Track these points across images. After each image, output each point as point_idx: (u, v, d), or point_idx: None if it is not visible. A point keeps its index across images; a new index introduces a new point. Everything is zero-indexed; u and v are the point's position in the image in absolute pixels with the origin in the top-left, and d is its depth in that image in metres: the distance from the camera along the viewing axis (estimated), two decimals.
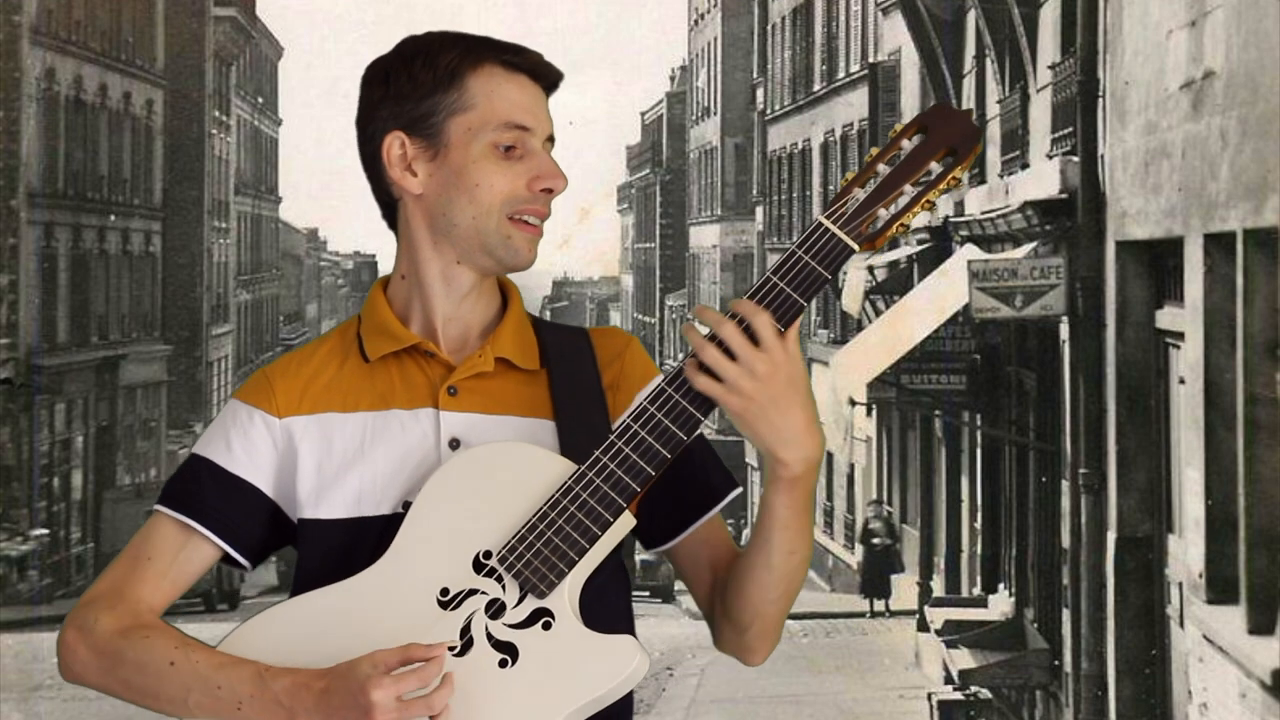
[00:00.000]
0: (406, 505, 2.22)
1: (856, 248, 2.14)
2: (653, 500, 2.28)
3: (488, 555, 2.17)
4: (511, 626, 2.15)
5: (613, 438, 2.15)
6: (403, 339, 2.29)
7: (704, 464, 2.32)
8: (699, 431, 2.21)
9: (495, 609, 2.15)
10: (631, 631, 2.28)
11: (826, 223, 2.14)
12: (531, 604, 2.15)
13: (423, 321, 2.31)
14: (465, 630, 2.15)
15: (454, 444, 2.25)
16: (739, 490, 2.34)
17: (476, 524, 2.18)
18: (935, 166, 2.17)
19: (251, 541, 2.31)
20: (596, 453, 2.15)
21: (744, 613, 2.26)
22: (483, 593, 2.16)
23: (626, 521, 2.17)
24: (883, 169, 2.17)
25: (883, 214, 2.15)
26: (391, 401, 2.28)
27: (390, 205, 2.34)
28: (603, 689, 2.14)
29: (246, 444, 2.28)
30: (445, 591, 2.16)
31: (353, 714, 2.08)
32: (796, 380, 2.12)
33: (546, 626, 2.15)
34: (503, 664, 2.14)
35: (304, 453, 2.27)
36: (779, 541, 2.20)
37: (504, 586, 2.16)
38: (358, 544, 2.24)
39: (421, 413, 2.27)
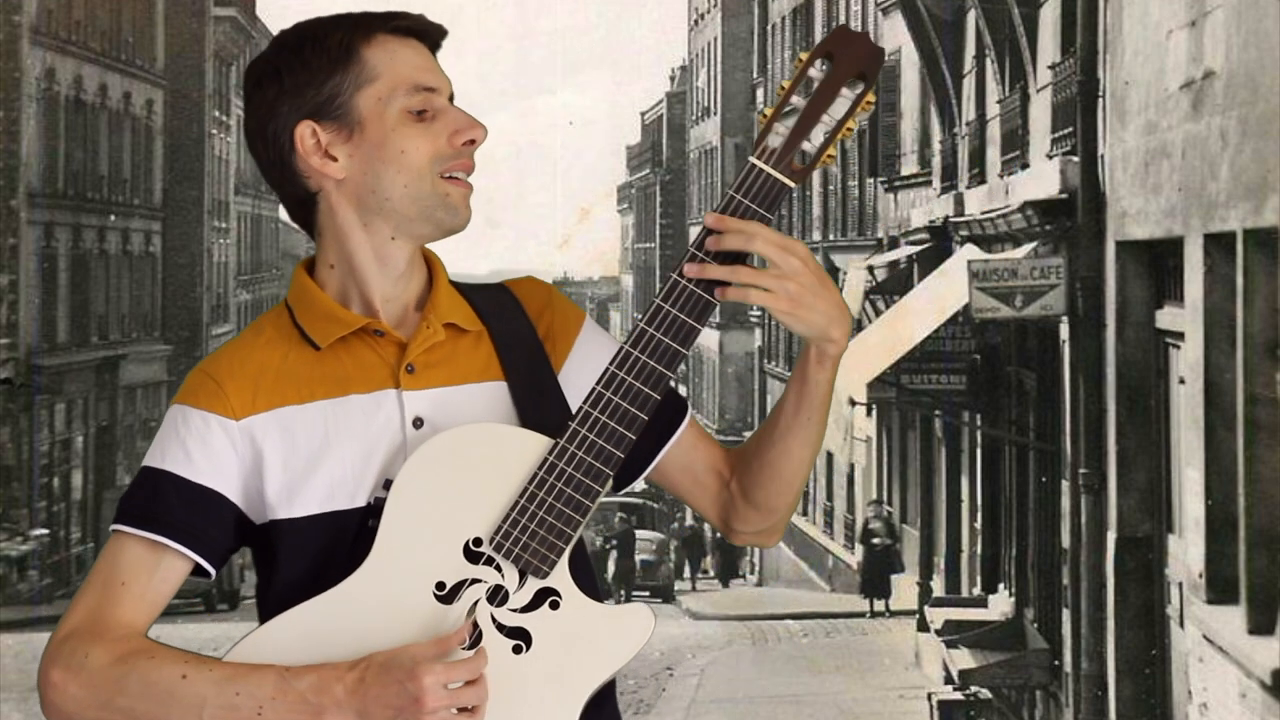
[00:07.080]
0: (379, 496, 2.17)
1: (793, 184, 2.16)
2: None
3: (478, 542, 2.13)
4: (518, 611, 2.12)
5: (585, 406, 2.14)
6: (350, 322, 2.23)
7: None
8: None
9: (498, 596, 2.12)
10: (593, 577, 2.28)
11: (758, 163, 2.17)
12: (535, 585, 2.12)
13: (362, 305, 2.25)
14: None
15: (417, 423, 2.20)
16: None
17: (460, 512, 2.13)
18: (846, 92, 2.20)
19: (222, 550, 2.22)
20: (573, 424, 2.14)
21: (781, 496, 2.32)
22: (481, 581, 2.12)
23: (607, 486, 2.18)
24: (797, 100, 2.19)
25: (808, 146, 2.18)
26: (348, 387, 2.21)
27: (304, 201, 2.26)
28: (623, 659, 2.13)
29: (207, 451, 2.19)
30: (441, 585, 2.12)
31: (399, 701, 2.04)
32: (820, 267, 2.18)
33: (554, 606, 2.13)
34: (517, 650, 2.12)
35: (268, 451, 2.19)
36: (820, 417, 2.25)
37: (502, 572, 2.12)
38: (336, 540, 2.18)
39: (381, 395, 2.21)
